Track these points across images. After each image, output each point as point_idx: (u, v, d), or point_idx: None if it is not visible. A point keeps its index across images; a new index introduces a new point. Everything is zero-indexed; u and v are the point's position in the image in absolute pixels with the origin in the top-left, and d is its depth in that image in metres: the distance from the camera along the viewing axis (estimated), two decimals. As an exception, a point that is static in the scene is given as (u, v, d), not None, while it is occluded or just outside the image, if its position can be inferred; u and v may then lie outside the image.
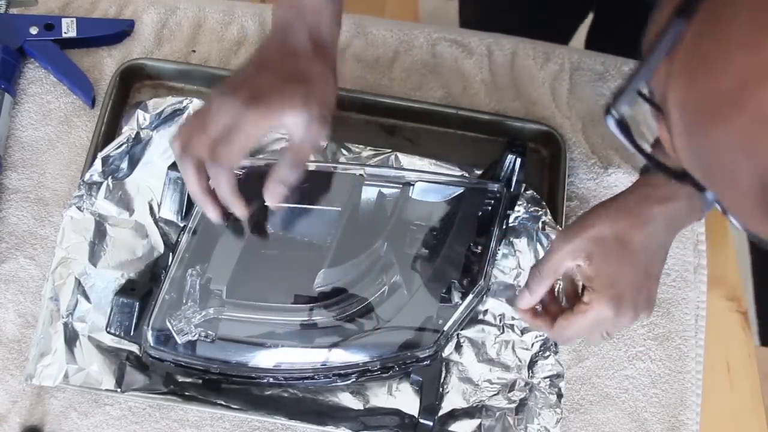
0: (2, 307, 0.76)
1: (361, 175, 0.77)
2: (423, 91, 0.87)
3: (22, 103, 0.84)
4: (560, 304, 0.69)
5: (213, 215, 0.67)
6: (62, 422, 0.73)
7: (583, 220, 0.66)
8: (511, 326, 0.75)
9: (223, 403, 0.71)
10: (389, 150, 0.81)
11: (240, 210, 0.66)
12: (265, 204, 0.68)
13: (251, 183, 0.68)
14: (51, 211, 0.80)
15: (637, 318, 0.65)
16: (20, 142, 0.83)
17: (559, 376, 0.73)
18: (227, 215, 0.68)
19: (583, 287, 0.65)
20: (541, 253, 0.77)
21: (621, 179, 0.84)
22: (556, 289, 0.70)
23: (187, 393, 0.71)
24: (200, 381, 0.72)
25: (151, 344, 0.70)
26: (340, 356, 0.71)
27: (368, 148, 0.81)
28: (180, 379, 0.72)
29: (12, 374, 0.74)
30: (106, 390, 0.71)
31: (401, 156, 0.81)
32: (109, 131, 0.81)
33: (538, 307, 0.68)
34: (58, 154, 0.82)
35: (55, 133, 0.83)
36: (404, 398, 0.72)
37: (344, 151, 0.81)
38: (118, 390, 0.70)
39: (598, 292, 0.63)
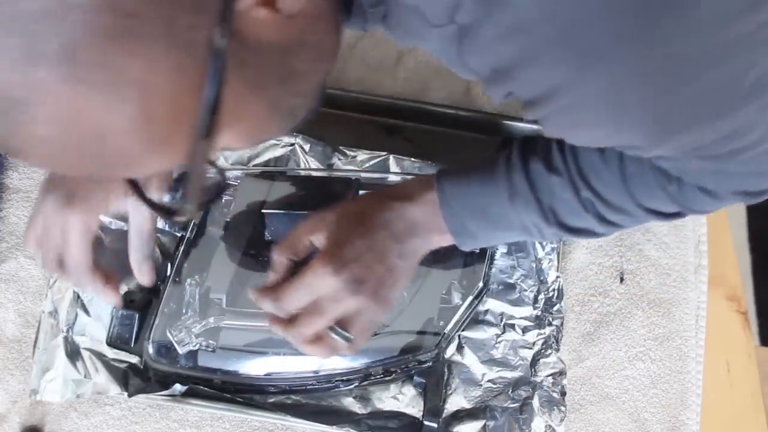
0: (2, 307, 0.76)
1: (356, 179, 0.76)
2: (425, 91, 0.87)
3: (23, 103, 0.84)
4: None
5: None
6: (62, 422, 0.73)
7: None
8: (512, 326, 0.75)
9: (222, 406, 0.71)
10: (384, 153, 0.80)
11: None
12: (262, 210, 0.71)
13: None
14: (51, 211, 0.80)
15: (362, 302, 0.60)
16: (20, 141, 0.82)
17: (561, 373, 0.73)
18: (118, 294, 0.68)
19: None
20: (540, 252, 0.77)
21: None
22: None
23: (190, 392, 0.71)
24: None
25: (153, 356, 0.70)
26: (341, 362, 0.70)
27: (363, 151, 0.80)
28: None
29: (12, 374, 0.74)
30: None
31: (397, 159, 0.79)
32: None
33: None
34: (58, 154, 0.82)
35: (56, 133, 0.83)
36: (408, 401, 0.72)
37: (339, 156, 0.80)
38: (125, 394, 0.70)
39: (321, 252, 0.61)
